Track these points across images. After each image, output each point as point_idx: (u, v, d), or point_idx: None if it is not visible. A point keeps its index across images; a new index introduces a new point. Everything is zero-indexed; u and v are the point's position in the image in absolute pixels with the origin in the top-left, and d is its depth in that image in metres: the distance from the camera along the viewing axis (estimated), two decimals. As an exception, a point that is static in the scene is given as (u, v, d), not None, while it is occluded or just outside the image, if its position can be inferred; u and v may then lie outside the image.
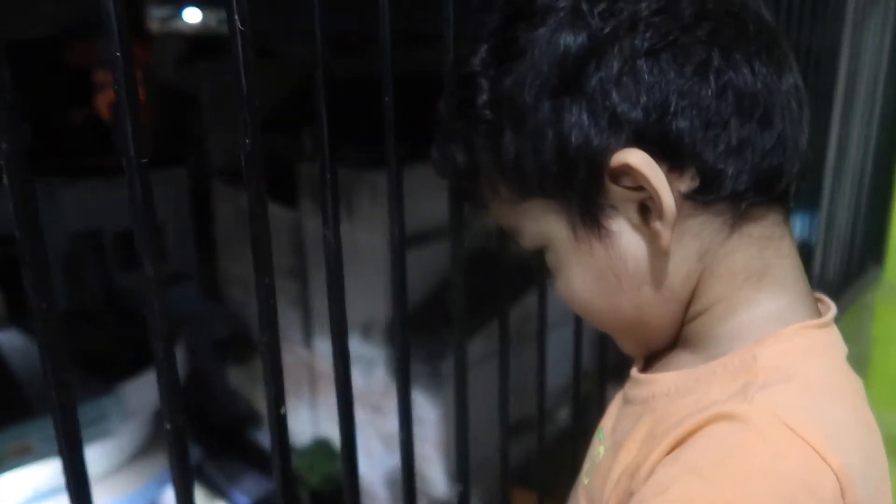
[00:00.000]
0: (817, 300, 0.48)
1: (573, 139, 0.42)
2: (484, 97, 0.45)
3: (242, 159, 0.43)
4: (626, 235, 0.44)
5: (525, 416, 1.40)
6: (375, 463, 1.43)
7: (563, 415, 1.38)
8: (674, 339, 0.48)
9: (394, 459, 1.42)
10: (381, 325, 1.35)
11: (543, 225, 0.47)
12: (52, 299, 0.34)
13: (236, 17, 0.39)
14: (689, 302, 0.45)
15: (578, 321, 0.47)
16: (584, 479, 0.53)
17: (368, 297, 1.33)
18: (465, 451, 0.43)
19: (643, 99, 0.41)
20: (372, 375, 1.37)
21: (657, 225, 0.42)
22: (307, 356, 1.54)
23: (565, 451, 0.78)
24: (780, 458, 0.34)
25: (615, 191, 0.43)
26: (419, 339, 1.32)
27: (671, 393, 0.44)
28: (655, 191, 0.41)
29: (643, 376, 0.49)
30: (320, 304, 1.47)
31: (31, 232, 0.34)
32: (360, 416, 1.66)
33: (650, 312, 0.46)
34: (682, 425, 0.38)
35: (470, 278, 1.50)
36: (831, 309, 0.45)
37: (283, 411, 0.46)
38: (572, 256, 0.46)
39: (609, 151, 0.42)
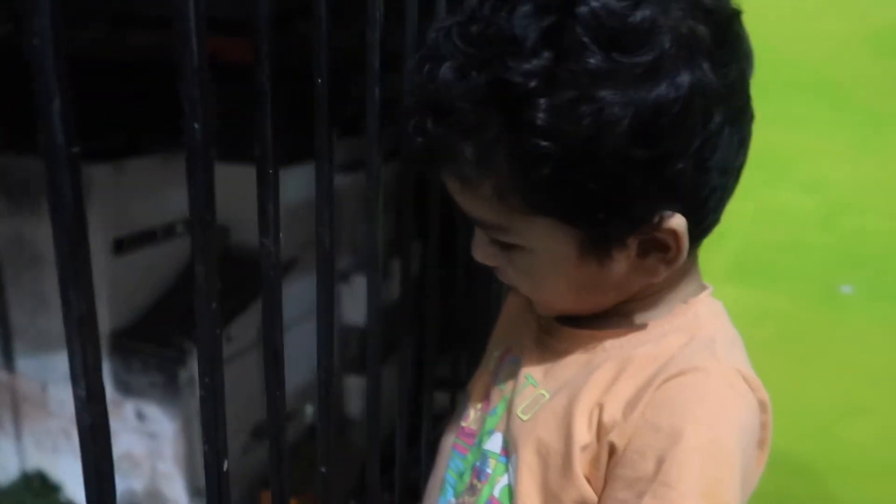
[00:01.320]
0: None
1: (630, 194, 0.43)
2: (541, 120, 0.40)
3: None
4: (622, 263, 0.47)
5: (291, 405, 1.37)
6: (103, 489, 1.28)
7: (311, 411, 1.37)
8: None
9: (128, 483, 1.29)
10: (103, 335, 1.22)
11: (545, 238, 0.46)
12: None
13: None
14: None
15: (328, 315, 0.46)
16: (522, 415, 0.53)
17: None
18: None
19: (705, 176, 0.44)
20: (94, 393, 1.22)
21: (660, 267, 0.47)
22: (7, 379, 1.32)
23: (313, 447, 0.77)
24: (740, 398, 0.46)
25: (638, 237, 0.46)
26: (149, 348, 1.21)
27: (624, 345, 0.50)
28: (680, 252, 0.46)
29: (584, 332, 0.53)
30: (21, 319, 1.28)
31: None
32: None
33: (602, 304, 0.52)
34: (658, 366, 0.47)
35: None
36: (709, 286, 0.55)
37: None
38: (561, 267, 0.48)
39: (658, 211, 0.44)
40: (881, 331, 1.25)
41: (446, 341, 0.74)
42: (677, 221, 0.44)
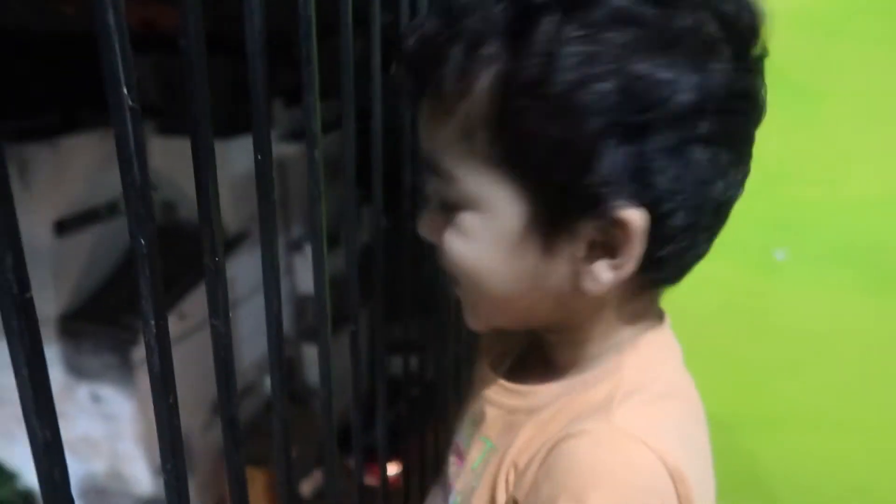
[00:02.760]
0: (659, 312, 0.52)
1: (603, 172, 0.39)
2: (542, 45, 0.38)
3: None
4: (564, 260, 0.43)
5: (244, 383, 1.36)
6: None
7: (269, 382, 1.37)
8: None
9: (87, 466, 1.27)
10: (50, 319, 1.19)
11: (492, 196, 0.42)
12: None
13: None
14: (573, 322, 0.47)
15: (276, 289, 0.45)
16: (472, 463, 0.53)
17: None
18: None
19: (678, 183, 0.40)
20: (46, 378, 1.20)
21: (604, 276, 0.42)
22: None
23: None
24: (630, 467, 0.39)
25: (589, 226, 0.41)
26: (102, 328, 1.19)
27: (549, 404, 0.47)
28: (630, 256, 0.41)
29: (521, 388, 0.50)
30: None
31: None
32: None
33: (534, 314, 0.47)
34: (564, 424, 0.42)
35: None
36: (666, 319, 0.50)
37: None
38: (501, 243, 0.43)
39: (620, 200, 0.40)
40: (812, 292, 1.30)
41: (396, 306, 0.74)
42: (635, 215, 0.40)
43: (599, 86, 0.37)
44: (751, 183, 0.46)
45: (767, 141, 0.46)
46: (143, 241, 0.32)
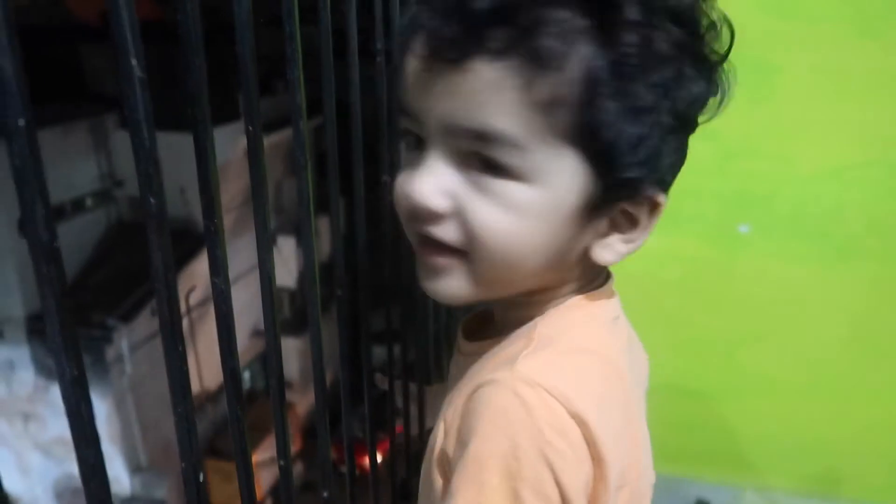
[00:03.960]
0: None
1: (663, 165, 0.44)
2: (633, 37, 0.41)
3: None
4: (589, 234, 0.46)
5: (217, 384, 1.35)
6: (36, 477, 1.24)
7: (246, 375, 1.37)
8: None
9: (63, 467, 1.25)
10: (17, 321, 1.16)
11: (555, 172, 0.43)
12: None
13: None
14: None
15: (267, 283, 0.45)
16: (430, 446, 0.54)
17: (-4, 292, 1.13)
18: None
19: (676, 168, 0.46)
20: (15, 379, 1.18)
21: (618, 245, 0.46)
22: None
23: (255, 412, 0.77)
24: (531, 411, 0.41)
25: (626, 205, 0.45)
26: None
27: (484, 356, 0.49)
28: (645, 233, 0.46)
29: (468, 345, 0.53)
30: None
31: None
32: (5, 428, 1.41)
33: (534, 282, 0.48)
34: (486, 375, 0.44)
35: (121, 252, 1.36)
36: (610, 278, 0.53)
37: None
38: (550, 216, 0.44)
39: (657, 186, 0.45)
40: (775, 264, 1.35)
41: (378, 295, 0.75)
42: (663, 198, 0.45)
43: (680, 93, 0.43)
44: (712, 160, 0.50)
45: (727, 118, 0.49)
46: (152, 201, 0.33)
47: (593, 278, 0.51)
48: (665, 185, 0.46)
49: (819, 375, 1.40)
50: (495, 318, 0.54)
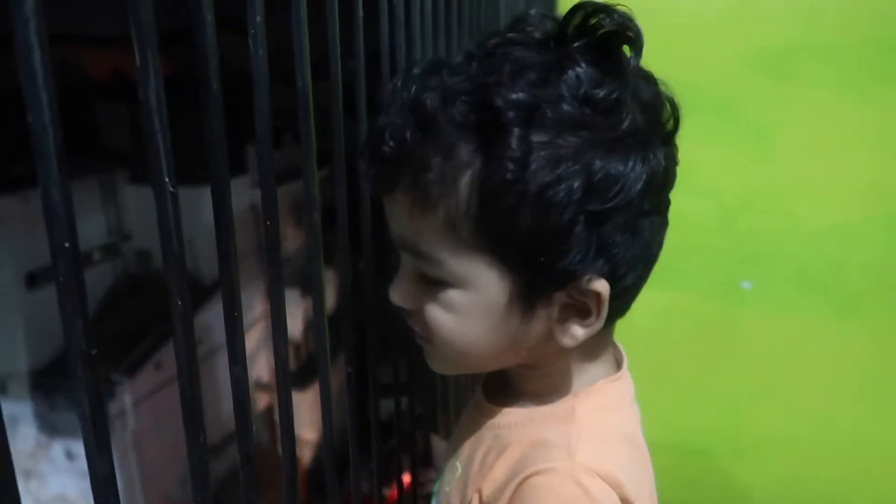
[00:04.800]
0: (617, 352, 0.59)
1: (574, 253, 0.46)
2: (513, 151, 0.43)
3: None
4: (542, 321, 0.50)
5: (220, 437, 1.33)
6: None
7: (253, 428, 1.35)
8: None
9: (58, 526, 1.22)
10: (21, 376, 1.16)
11: (479, 278, 0.48)
12: None
13: None
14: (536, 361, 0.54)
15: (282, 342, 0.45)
16: (445, 487, 0.59)
17: (-1, 346, 1.13)
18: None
19: (630, 251, 0.48)
20: (18, 435, 1.17)
21: (577, 332, 0.49)
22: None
23: (263, 467, 0.76)
24: (587, 497, 0.45)
25: (563, 294, 0.48)
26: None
27: (512, 425, 0.54)
28: (599, 318, 0.48)
29: (493, 406, 0.57)
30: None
31: None
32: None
33: (506, 362, 0.54)
34: (525, 457, 0.49)
35: (127, 305, 1.36)
36: (624, 359, 0.57)
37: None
38: (486, 315, 0.49)
39: (588, 273, 0.47)
40: (780, 319, 1.35)
41: (385, 348, 0.75)
42: (603, 285, 0.47)
43: (567, 183, 0.44)
44: (713, 218, 0.51)
45: (726, 177, 0.51)
46: (172, 255, 0.33)
47: (596, 351, 0.55)
48: (605, 270, 0.48)
49: (828, 432, 1.38)
50: (511, 385, 0.58)
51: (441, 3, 0.76)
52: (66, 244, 0.28)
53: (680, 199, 0.53)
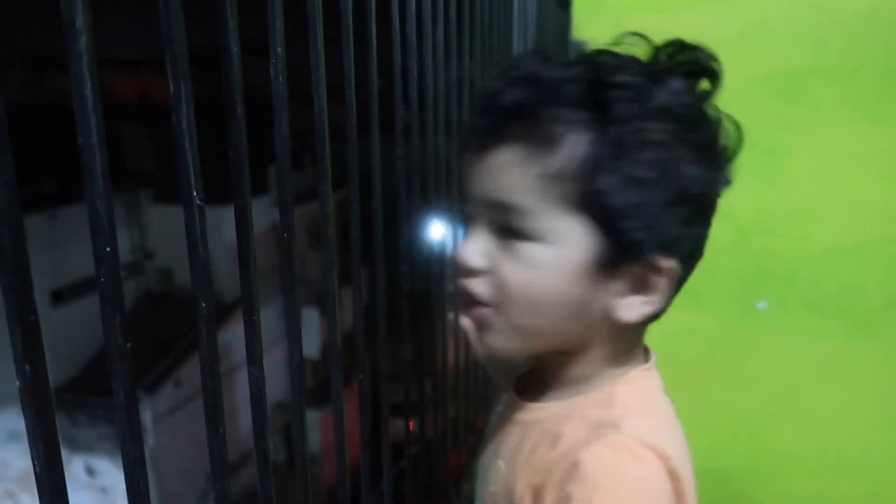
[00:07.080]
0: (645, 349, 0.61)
1: (660, 228, 0.49)
2: (633, 116, 0.48)
3: None
4: (607, 293, 0.51)
5: (238, 455, 1.34)
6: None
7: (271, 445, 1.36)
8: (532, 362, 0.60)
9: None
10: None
11: (569, 236, 0.50)
12: None
13: None
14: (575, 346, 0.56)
15: (297, 349, 0.46)
16: (490, 486, 0.59)
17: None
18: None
19: (697, 242, 0.53)
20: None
21: (637, 309, 0.52)
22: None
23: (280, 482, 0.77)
24: (643, 464, 0.48)
25: (636, 268, 0.51)
26: (95, 400, 1.19)
27: (553, 419, 0.55)
28: (663, 295, 0.51)
29: (531, 403, 0.58)
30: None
31: None
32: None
33: (563, 337, 0.55)
34: (575, 442, 0.50)
35: (149, 323, 1.39)
36: (652, 356, 0.59)
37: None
38: (564, 273, 0.51)
39: (664, 252, 0.50)
40: (795, 340, 1.35)
41: (397, 367, 0.76)
42: (672, 264, 0.50)
43: (676, 171, 0.49)
44: (728, 238, 0.52)
45: (741, 198, 0.53)
46: (199, 275, 0.35)
47: (630, 347, 0.56)
48: (675, 253, 0.50)
49: (844, 453, 1.37)
50: (546, 380, 0.59)
51: (453, 30, 0.78)
52: (108, 249, 0.31)
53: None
